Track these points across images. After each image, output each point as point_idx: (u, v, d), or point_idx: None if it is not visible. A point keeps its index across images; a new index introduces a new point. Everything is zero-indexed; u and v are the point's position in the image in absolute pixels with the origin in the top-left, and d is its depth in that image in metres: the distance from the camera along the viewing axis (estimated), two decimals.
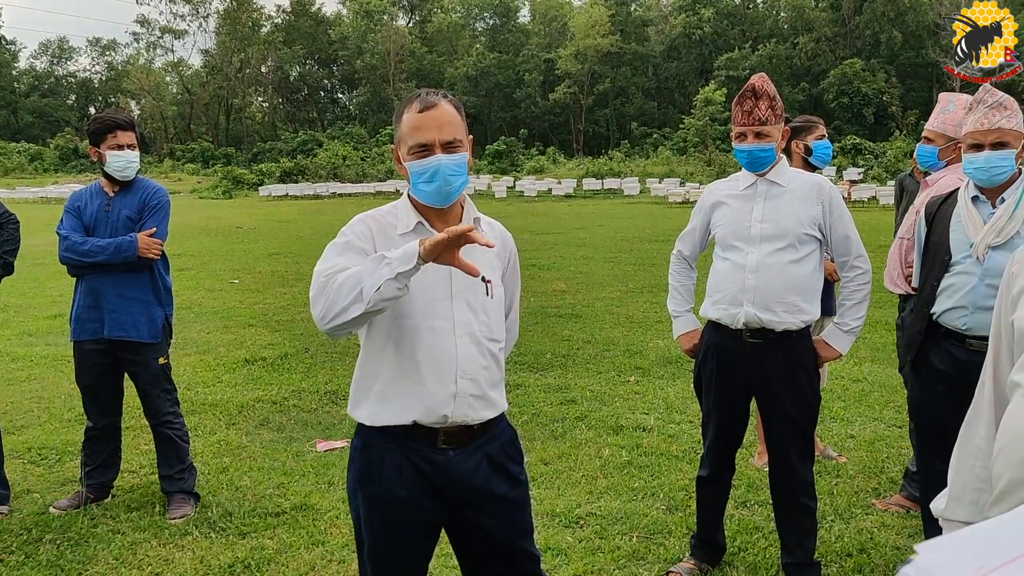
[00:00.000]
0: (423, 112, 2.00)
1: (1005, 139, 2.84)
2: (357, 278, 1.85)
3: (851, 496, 4.05)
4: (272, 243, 16.93)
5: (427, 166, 1.99)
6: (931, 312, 3.04)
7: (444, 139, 2.00)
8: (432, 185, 2.00)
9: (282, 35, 65.19)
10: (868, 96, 48.21)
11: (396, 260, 1.82)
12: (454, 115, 2.03)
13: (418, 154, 2.00)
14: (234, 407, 5.58)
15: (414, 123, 2.00)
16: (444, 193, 2.02)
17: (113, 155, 3.76)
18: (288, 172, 43.50)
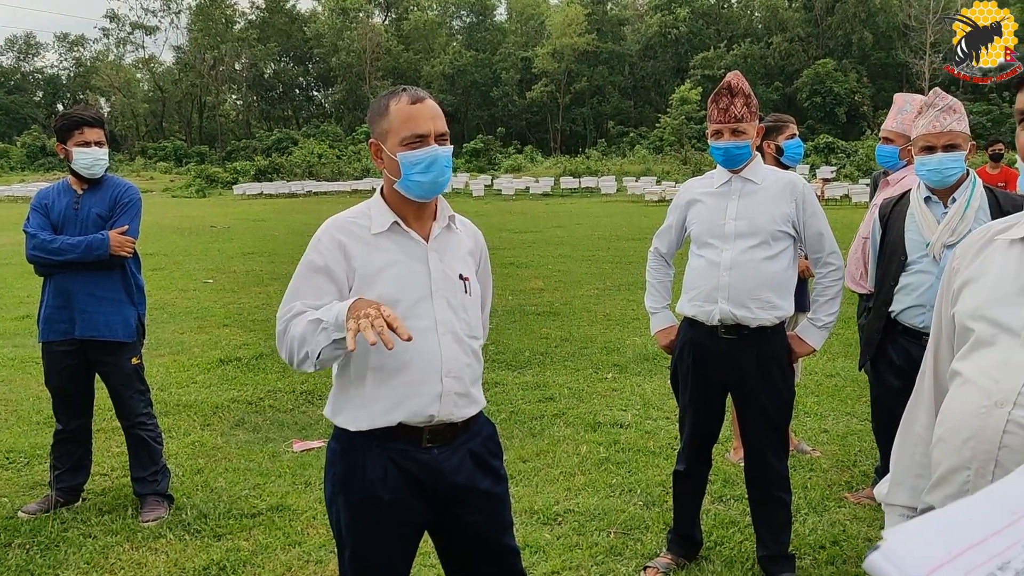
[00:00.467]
0: (415, 104, 2.00)
1: (956, 141, 2.97)
2: (302, 339, 1.92)
3: (824, 490, 4.09)
4: (247, 242, 16.77)
5: (424, 155, 1.99)
6: (890, 311, 3.11)
7: (439, 131, 2.02)
8: (428, 175, 2.00)
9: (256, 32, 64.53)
10: (840, 96, 48.77)
11: (330, 325, 1.86)
12: (440, 111, 2.06)
13: (413, 144, 1.99)
14: (209, 408, 5.52)
15: (408, 114, 2.00)
16: (437, 184, 2.02)
17: (80, 152, 3.68)
18: (263, 170, 43.08)
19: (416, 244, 2.06)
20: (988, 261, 1.49)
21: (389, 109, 2.02)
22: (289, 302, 2.02)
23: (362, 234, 2.04)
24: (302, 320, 1.94)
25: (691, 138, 44.67)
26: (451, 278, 2.08)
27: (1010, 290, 1.41)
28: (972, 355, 1.44)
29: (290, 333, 1.96)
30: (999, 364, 1.38)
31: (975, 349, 1.44)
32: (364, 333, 1.75)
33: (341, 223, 2.07)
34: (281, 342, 2.01)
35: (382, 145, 2.05)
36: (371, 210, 2.09)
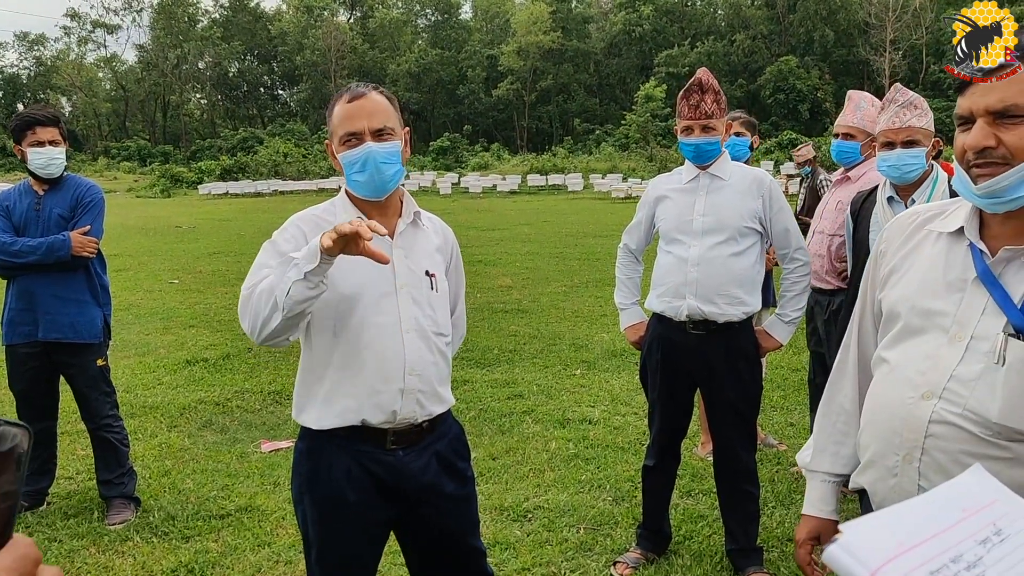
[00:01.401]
0: (352, 102, 1.99)
1: (915, 137, 2.98)
2: (270, 286, 1.84)
3: (791, 483, 4.17)
4: (212, 242, 16.56)
5: (357, 155, 1.97)
6: None
7: (373, 127, 1.97)
8: (364, 174, 1.97)
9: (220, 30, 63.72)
10: (803, 92, 49.49)
11: (302, 259, 1.78)
12: (384, 104, 2.01)
13: (348, 144, 1.98)
14: (176, 409, 5.45)
15: (344, 113, 1.99)
16: (377, 183, 1.99)
17: (34, 152, 3.61)
18: (228, 170, 42.58)
19: (380, 240, 2.03)
20: (917, 251, 1.52)
21: (333, 109, 2.02)
22: (253, 275, 1.95)
23: (326, 228, 2.04)
24: (270, 277, 1.87)
25: (656, 135, 45.02)
26: (417, 274, 2.06)
27: (939, 284, 1.45)
28: (899, 345, 1.48)
29: (256, 292, 1.88)
30: (926, 357, 1.42)
31: (902, 339, 1.48)
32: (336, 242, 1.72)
33: (307, 217, 2.07)
34: (245, 307, 1.91)
35: (331, 145, 2.05)
36: (336, 207, 2.08)
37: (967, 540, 0.96)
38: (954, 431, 1.37)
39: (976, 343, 1.37)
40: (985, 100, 1.35)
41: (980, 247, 1.41)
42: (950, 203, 1.55)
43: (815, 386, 4.37)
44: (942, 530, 0.97)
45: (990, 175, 1.34)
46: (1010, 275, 1.38)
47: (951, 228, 1.47)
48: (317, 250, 1.76)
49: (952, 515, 0.99)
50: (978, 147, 1.34)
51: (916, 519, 0.99)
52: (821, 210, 4.04)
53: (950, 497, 1.04)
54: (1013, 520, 1.00)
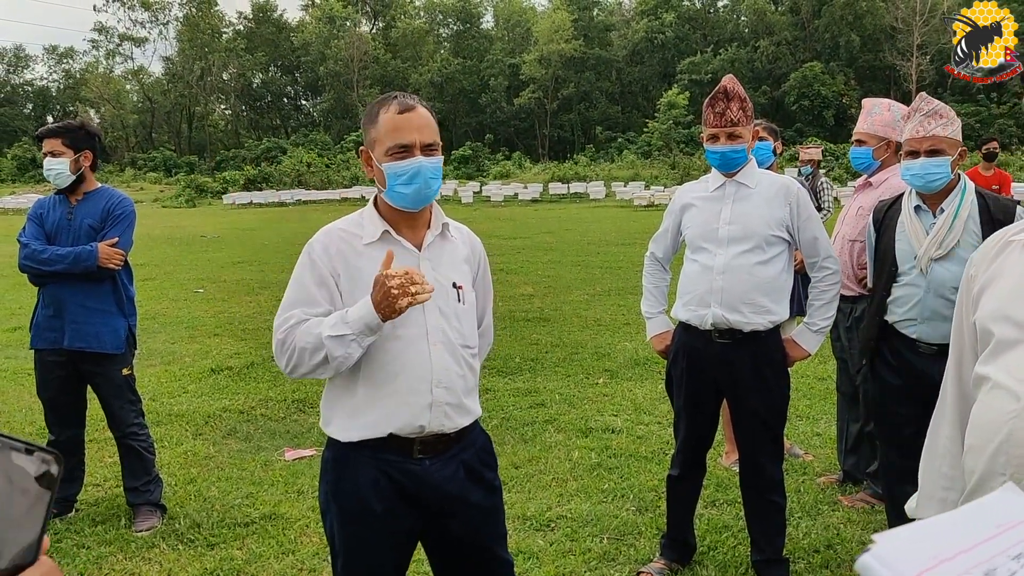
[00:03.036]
0: (403, 114, 1.98)
1: (940, 146, 2.93)
2: (316, 343, 1.91)
3: (817, 493, 4.11)
4: (237, 251, 16.72)
5: (408, 167, 1.97)
6: (884, 319, 3.12)
7: (424, 141, 1.99)
8: (412, 187, 1.98)
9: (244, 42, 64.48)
10: (828, 99, 49.07)
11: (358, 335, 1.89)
12: (431, 119, 2.03)
13: (398, 155, 1.97)
14: (200, 417, 5.50)
15: (394, 124, 1.98)
16: (423, 196, 2.00)
17: (45, 163, 3.74)
18: (252, 180, 42.98)
19: (408, 253, 2.05)
20: (1005, 263, 1.49)
21: (378, 117, 2.00)
22: (286, 311, 2.01)
23: (354, 243, 2.04)
24: (310, 332, 1.93)
25: (679, 143, 44.84)
26: (444, 286, 2.06)
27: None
28: (997, 359, 1.43)
29: (295, 343, 1.95)
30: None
31: (999, 352, 1.43)
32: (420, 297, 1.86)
33: (333, 233, 2.06)
34: (281, 351, 1.99)
35: (371, 154, 2.03)
36: (363, 219, 2.08)
37: (1000, 555, 0.94)
38: None
39: None
40: None
41: None
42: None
43: (842, 394, 4.32)
44: (975, 544, 0.96)
45: None
46: None
47: None
48: (377, 324, 1.88)
49: (986, 530, 0.98)
50: None
51: (950, 532, 0.98)
52: (843, 216, 4.02)
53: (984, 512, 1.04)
54: None
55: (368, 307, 1.87)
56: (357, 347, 1.91)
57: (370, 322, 1.87)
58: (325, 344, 1.90)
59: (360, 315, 1.88)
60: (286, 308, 2.02)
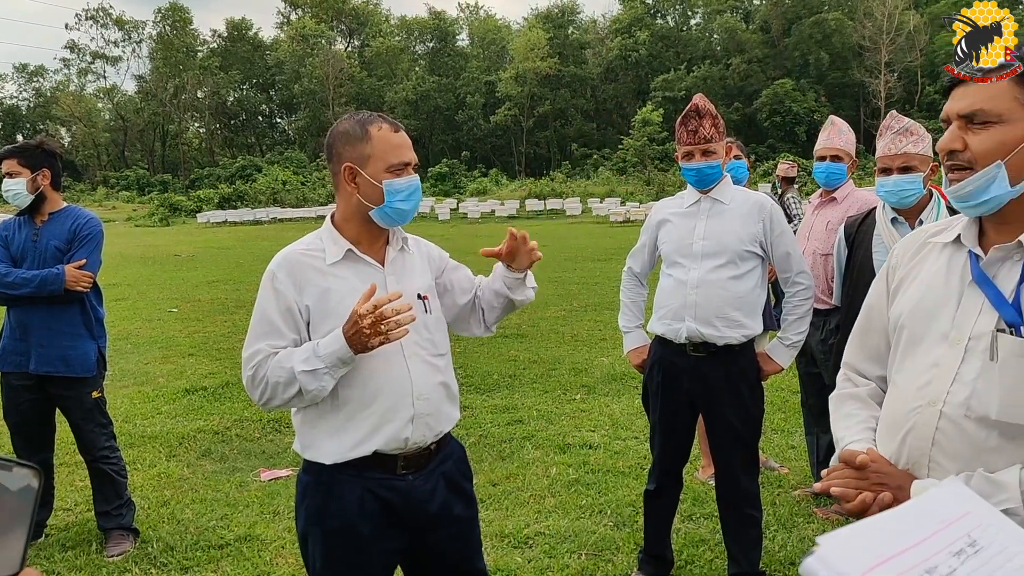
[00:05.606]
0: (398, 132, 2.04)
1: (911, 163, 3.04)
2: (289, 377, 1.92)
3: (793, 506, 4.14)
4: (211, 270, 16.58)
5: (409, 184, 2.02)
6: None
7: (415, 160, 2.08)
8: (410, 203, 2.03)
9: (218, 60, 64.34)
10: (799, 115, 49.85)
11: (330, 368, 1.90)
12: None
13: (399, 172, 2.01)
14: (174, 438, 5.43)
15: (393, 141, 2.01)
16: (414, 211, 2.07)
17: (3, 185, 3.66)
18: (227, 198, 42.73)
19: (373, 269, 2.06)
20: (921, 264, 1.56)
21: (371, 134, 1.99)
22: (252, 344, 2.00)
23: (317, 265, 2.02)
24: (281, 366, 1.93)
25: (654, 159, 45.25)
26: (411, 300, 2.06)
27: (940, 292, 1.48)
28: (906, 360, 1.52)
29: (267, 378, 1.95)
30: (930, 365, 1.45)
31: (908, 352, 1.52)
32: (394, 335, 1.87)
33: (293, 257, 2.04)
34: (252, 386, 1.98)
35: (360, 170, 2.00)
36: (323, 240, 2.06)
37: (942, 552, 0.97)
38: (959, 434, 1.38)
39: (974, 343, 1.40)
40: (958, 104, 1.40)
41: (976, 251, 1.45)
42: (953, 219, 1.58)
43: (808, 408, 4.38)
44: (918, 542, 0.98)
45: (958, 179, 1.39)
46: (1003, 274, 1.41)
47: (951, 238, 1.51)
48: (350, 357, 1.89)
49: (928, 527, 1.01)
50: (945, 149, 1.40)
51: (893, 531, 1.00)
52: (807, 231, 4.11)
53: (926, 509, 1.06)
54: (987, 531, 1.01)
55: (340, 341, 1.87)
56: (330, 379, 1.91)
57: (343, 356, 1.88)
58: (298, 378, 1.90)
59: (332, 349, 1.88)
60: (252, 341, 2.01)
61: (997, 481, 1.32)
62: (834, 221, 3.89)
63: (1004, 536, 1.02)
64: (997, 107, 1.36)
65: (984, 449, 1.36)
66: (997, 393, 1.35)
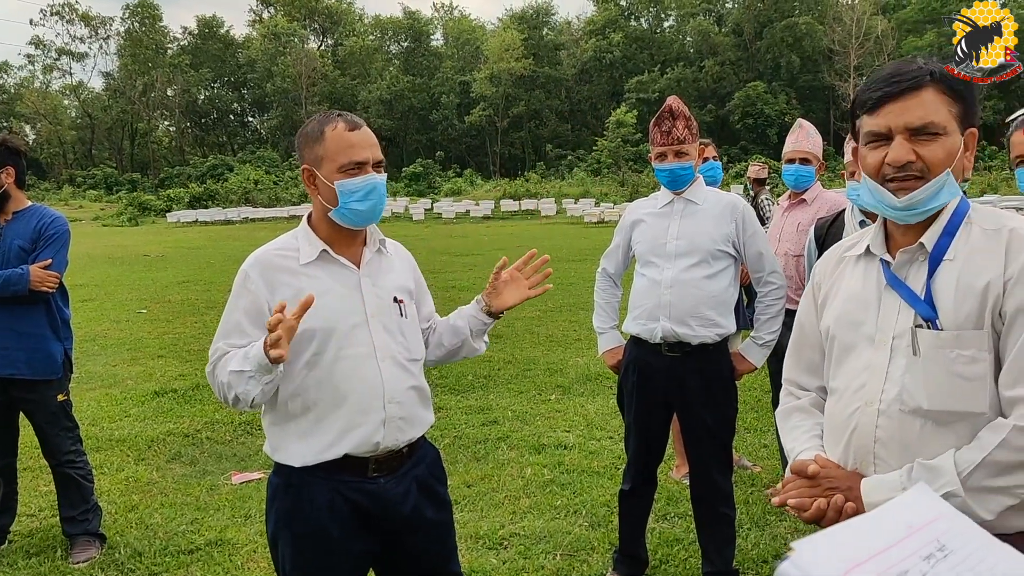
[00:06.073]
0: (353, 131, 1.97)
1: None
2: (230, 384, 1.90)
3: (765, 504, 4.17)
4: (182, 271, 16.37)
5: (364, 184, 1.96)
6: None
7: (376, 158, 2.00)
8: (367, 203, 1.97)
9: (188, 58, 63.55)
10: (771, 117, 50.40)
11: (256, 372, 1.85)
12: (375, 138, 2.04)
13: (352, 172, 1.96)
14: (143, 442, 5.34)
15: (347, 141, 1.96)
16: (376, 212, 2.00)
17: None
18: (197, 197, 42.27)
19: (348, 271, 2.03)
20: (841, 277, 1.67)
21: (325, 135, 1.96)
22: (216, 341, 1.99)
23: (290, 265, 2.00)
24: (226, 365, 1.92)
25: (628, 160, 45.51)
26: (386, 302, 2.05)
27: (860, 300, 1.59)
28: (840, 366, 1.61)
29: (218, 378, 1.94)
30: (863, 368, 1.54)
31: (842, 358, 1.61)
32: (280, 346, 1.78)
33: (267, 257, 2.01)
34: (212, 384, 1.99)
35: (316, 171, 1.99)
36: (298, 240, 2.04)
37: (912, 556, 1.00)
38: (899, 428, 1.47)
39: (897, 342, 1.49)
40: (905, 118, 1.45)
41: (886, 258, 1.56)
42: (862, 232, 1.68)
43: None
44: (889, 546, 1.01)
45: (910, 188, 1.46)
46: (912, 274, 1.52)
47: (861, 250, 1.62)
48: (267, 365, 1.82)
49: (898, 532, 1.04)
50: (902, 162, 1.45)
51: (865, 536, 1.03)
52: (778, 232, 4.15)
53: (896, 514, 1.09)
54: (955, 536, 1.04)
55: (261, 345, 1.84)
56: (256, 384, 1.86)
57: (261, 361, 1.82)
58: (230, 379, 1.89)
59: (256, 352, 1.85)
60: (217, 339, 2.00)
61: (935, 467, 1.40)
62: (804, 222, 3.94)
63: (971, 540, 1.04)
64: (941, 119, 1.45)
65: (922, 439, 1.44)
66: (925, 385, 1.44)
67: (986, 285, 1.42)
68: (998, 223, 1.48)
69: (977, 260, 1.45)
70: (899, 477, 1.42)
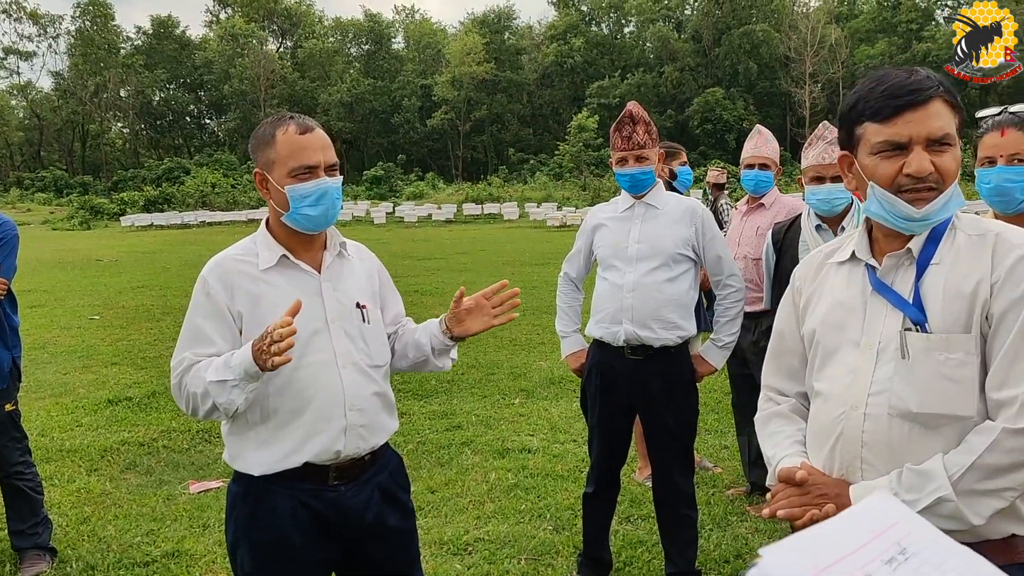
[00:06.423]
0: (304, 135, 1.93)
1: None
2: (205, 394, 1.85)
3: (727, 505, 4.21)
4: (136, 276, 16.02)
5: (315, 188, 1.92)
6: None
7: (328, 161, 1.96)
8: (319, 208, 1.93)
9: (142, 58, 62.35)
10: (729, 123, 51.18)
11: (240, 381, 1.81)
12: (329, 140, 1.99)
13: (303, 176, 1.92)
14: (96, 452, 5.20)
15: (296, 144, 1.92)
16: (329, 217, 1.96)
17: None
18: (153, 201, 41.52)
19: (308, 276, 2.00)
20: (824, 283, 1.67)
21: (276, 138, 1.93)
22: (180, 352, 1.94)
23: (249, 271, 1.96)
24: (199, 376, 1.86)
25: (589, 164, 45.81)
26: (347, 308, 2.02)
27: (845, 305, 1.59)
28: (824, 370, 1.61)
29: (187, 388, 1.89)
30: (848, 372, 1.54)
31: (826, 362, 1.60)
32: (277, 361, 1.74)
33: (226, 262, 1.97)
34: (178, 396, 1.93)
35: (268, 175, 1.95)
36: (257, 244, 2.00)
37: (875, 560, 1.01)
38: (886, 431, 1.46)
39: (884, 346, 1.49)
40: (927, 128, 1.44)
41: (871, 263, 1.56)
42: (844, 238, 1.69)
43: (738, 409, 4.48)
44: (853, 551, 1.02)
45: (927, 199, 1.45)
46: (899, 279, 1.52)
47: (846, 256, 1.63)
48: (256, 372, 1.79)
49: (861, 536, 1.05)
50: (925, 172, 1.44)
51: (829, 541, 1.04)
52: (738, 236, 4.20)
53: (858, 519, 1.11)
54: (916, 539, 1.06)
55: (249, 353, 1.79)
56: (240, 392, 1.82)
57: (249, 369, 1.79)
58: (208, 389, 1.83)
59: (241, 360, 1.80)
60: (180, 348, 1.95)
61: (925, 472, 1.40)
62: (763, 226, 4.01)
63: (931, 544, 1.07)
64: (952, 130, 1.45)
65: (909, 443, 1.44)
66: (915, 388, 1.44)
67: (974, 289, 1.43)
68: (983, 228, 1.49)
69: (964, 264, 1.46)
70: (888, 483, 1.42)
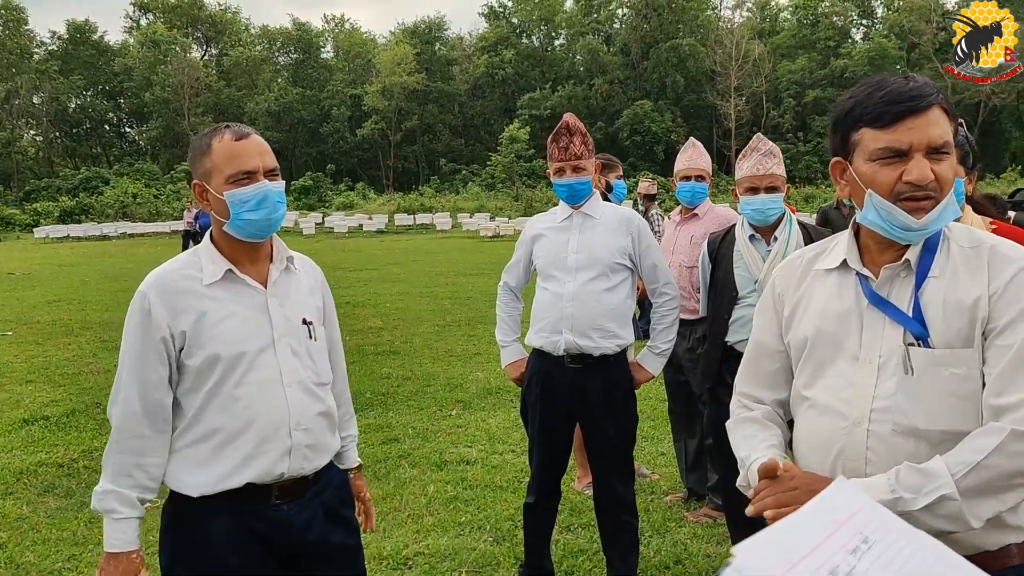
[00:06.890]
0: (240, 140, 1.88)
1: (776, 183, 3.28)
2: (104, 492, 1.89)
3: (665, 511, 4.26)
4: (52, 289, 15.32)
5: (254, 192, 1.87)
6: (726, 340, 3.33)
7: (267, 166, 1.91)
8: (260, 212, 1.87)
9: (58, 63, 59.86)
10: (658, 135, 52.19)
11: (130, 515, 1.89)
12: (268, 147, 1.95)
13: (241, 182, 1.87)
14: (10, 474, 4.94)
15: (233, 151, 1.87)
16: (271, 221, 1.90)
17: None
18: (69, 212, 39.91)
19: (254, 292, 1.93)
20: (811, 290, 1.62)
21: (212, 147, 1.88)
22: (123, 389, 1.87)
23: (193, 287, 1.88)
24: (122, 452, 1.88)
25: (521, 175, 46.06)
26: (294, 324, 1.97)
27: (838, 315, 1.54)
28: (816, 380, 1.55)
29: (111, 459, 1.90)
30: (846, 385, 1.49)
31: (819, 373, 1.55)
32: None
33: (167, 278, 1.89)
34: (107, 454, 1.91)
35: (207, 186, 1.90)
36: (201, 258, 1.93)
37: (840, 551, 1.03)
38: (891, 449, 1.42)
39: (886, 361, 1.45)
40: (929, 135, 1.41)
41: (865, 273, 1.51)
42: (826, 242, 1.65)
43: (675, 416, 4.57)
44: (819, 543, 1.04)
45: (926, 208, 1.42)
46: (896, 291, 1.48)
47: (835, 263, 1.57)
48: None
49: (826, 527, 1.07)
50: (927, 180, 1.40)
51: (797, 534, 1.05)
52: (672, 245, 4.29)
53: (822, 509, 1.12)
54: (877, 528, 1.08)
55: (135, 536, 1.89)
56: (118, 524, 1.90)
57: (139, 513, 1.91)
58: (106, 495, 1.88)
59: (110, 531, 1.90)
60: (120, 386, 1.87)
61: (926, 470, 1.35)
62: (697, 235, 4.10)
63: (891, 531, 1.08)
64: (950, 138, 1.43)
65: (915, 460, 1.39)
66: (921, 404, 1.40)
67: (974, 302, 1.40)
68: (976, 240, 1.47)
69: (962, 277, 1.43)
70: (887, 481, 1.37)
